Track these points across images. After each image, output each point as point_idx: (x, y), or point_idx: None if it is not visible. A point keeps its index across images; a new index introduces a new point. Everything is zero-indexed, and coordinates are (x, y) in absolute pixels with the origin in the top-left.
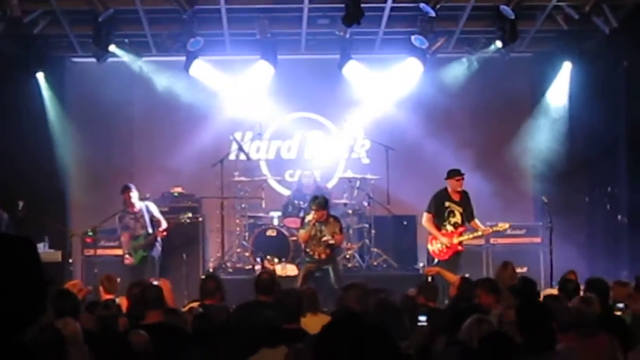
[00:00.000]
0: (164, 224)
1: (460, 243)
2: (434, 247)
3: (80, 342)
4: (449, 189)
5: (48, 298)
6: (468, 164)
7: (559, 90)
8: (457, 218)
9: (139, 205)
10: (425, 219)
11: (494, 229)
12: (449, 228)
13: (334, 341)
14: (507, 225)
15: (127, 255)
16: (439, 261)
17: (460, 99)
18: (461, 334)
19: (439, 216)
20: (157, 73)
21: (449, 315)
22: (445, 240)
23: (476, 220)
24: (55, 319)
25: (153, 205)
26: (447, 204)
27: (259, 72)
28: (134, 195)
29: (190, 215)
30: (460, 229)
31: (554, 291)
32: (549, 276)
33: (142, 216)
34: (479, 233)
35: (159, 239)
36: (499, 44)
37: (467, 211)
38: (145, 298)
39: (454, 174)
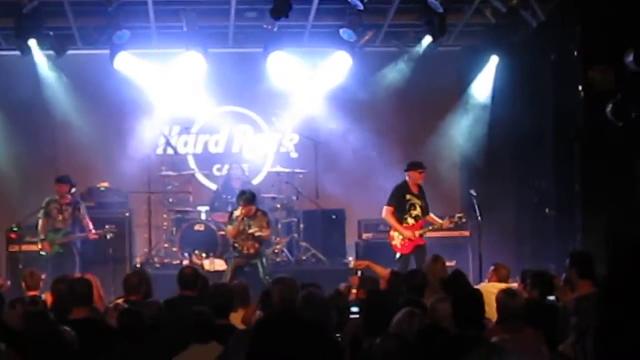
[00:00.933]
0: (91, 227)
1: (421, 236)
2: (395, 241)
3: None
4: (409, 182)
5: None
6: (394, 158)
7: (484, 84)
8: (418, 211)
9: (69, 199)
10: (386, 212)
11: (453, 221)
12: (410, 221)
13: (269, 336)
14: (463, 217)
15: (43, 243)
16: (401, 255)
17: (388, 93)
18: (393, 328)
19: (400, 209)
20: (83, 66)
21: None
22: (408, 233)
23: (431, 214)
24: None
25: (84, 206)
26: (408, 196)
27: (187, 64)
28: (67, 188)
29: (114, 229)
30: (421, 222)
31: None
32: (477, 270)
33: (68, 211)
34: (438, 226)
35: (77, 242)
36: (428, 38)
37: (425, 204)
38: (73, 293)
39: (417, 166)
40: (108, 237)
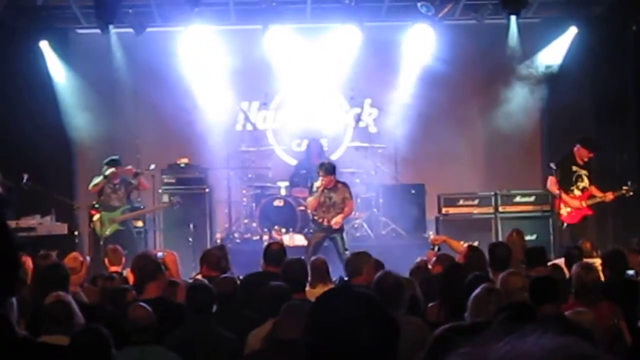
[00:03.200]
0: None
1: (589, 207)
2: (562, 210)
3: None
4: (576, 154)
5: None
6: (474, 131)
7: (560, 54)
8: (585, 182)
9: (119, 179)
10: (550, 183)
11: (619, 193)
12: (577, 193)
13: (324, 310)
14: (631, 190)
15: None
16: (568, 225)
17: (467, 65)
18: (470, 308)
19: (567, 180)
20: (162, 43)
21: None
22: (575, 203)
23: (593, 187)
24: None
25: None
26: (574, 168)
27: (269, 41)
28: (118, 170)
29: (179, 200)
30: (588, 192)
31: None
32: (558, 244)
33: (122, 190)
34: (601, 198)
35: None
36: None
37: (590, 175)
38: (143, 273)
39: (590, 145)
40: (175, 207)
